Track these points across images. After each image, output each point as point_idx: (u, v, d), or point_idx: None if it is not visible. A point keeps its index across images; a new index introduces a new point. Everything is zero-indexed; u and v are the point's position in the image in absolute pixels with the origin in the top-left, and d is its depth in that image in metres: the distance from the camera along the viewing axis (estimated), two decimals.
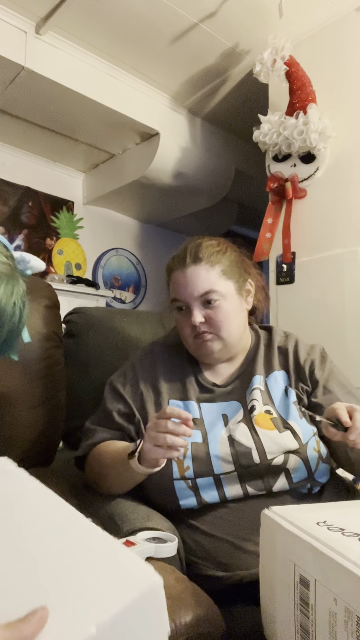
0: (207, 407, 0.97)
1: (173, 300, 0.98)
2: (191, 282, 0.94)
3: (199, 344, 0.97)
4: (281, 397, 0.96)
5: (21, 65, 2.12)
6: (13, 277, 0.69)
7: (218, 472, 0.87)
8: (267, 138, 1.96)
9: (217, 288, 0.94)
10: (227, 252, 0.99)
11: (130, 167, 2.89)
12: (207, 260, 0.95)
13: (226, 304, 0.95)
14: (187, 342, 0.99)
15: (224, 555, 0.84)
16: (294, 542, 0.52)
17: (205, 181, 2.91)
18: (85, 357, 1.29)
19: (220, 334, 0.96)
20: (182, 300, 0.96)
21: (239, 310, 0.98)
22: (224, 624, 0.65)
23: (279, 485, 0.87)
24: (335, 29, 1.94)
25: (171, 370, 1.02)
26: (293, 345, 1.04)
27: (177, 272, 0.97)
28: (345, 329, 1.78)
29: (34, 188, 3.07)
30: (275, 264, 2.02)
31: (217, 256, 0.96)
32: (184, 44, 2.20)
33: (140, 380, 1.01)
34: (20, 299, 0.70)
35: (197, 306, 0.95)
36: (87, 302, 2.94)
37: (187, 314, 0.96)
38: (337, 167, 1.88)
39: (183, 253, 0.98)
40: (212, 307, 0.94)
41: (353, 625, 0.43)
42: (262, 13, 2.01)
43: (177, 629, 0.59)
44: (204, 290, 0.93)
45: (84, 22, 2.09)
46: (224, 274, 0.96)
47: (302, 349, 1.03)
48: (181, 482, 0.88)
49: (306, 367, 0.99)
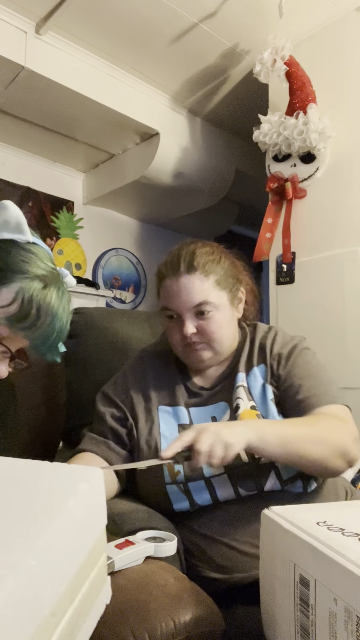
0: (196, 411, 0.96)
1: (164, 308, 0.96)
2: (185, 292, 0.92)
3: (189, 352, 0.96)
4: (259, 394, 0.95)
5: (21, 65, 2.12)
6: (61, 282, 0.76)
7: (208, 475, 0.87)
8: (267, 138, 1.96)
9: (211, 299, 0.92)
10: (221, 261, 0.96)
11: (130, 167, 2.89)
12: (202, 270, 0.92)
13: (219, 315, 0.93)
14: (176, 349, 0.98)
15: (221, 557, 0.84)
16: (294, 542, 0.52)
17: (205, 181, 2.91)
18: (85, 357, 1.29)
19: (211, 344, 0.94)
20: (174, 309, 0.93)
21: (230, 320, 0.97)
22: (223, 622, 0.65)
23: (270, 484, 0.86)
24: (335, 29, 1.94)
25: (160, 376, 1.02)
26: (271, 339, 1.01)
27: (169, 281, 0.94)
28: (345, 329, 1.78)
29: (34, 188, 3.07)
30: (275, 264, 2.02)
31: (212, 265, 0.94)
32: (184, 44, 2.20)
33: (131, 388, 1.01)
34: (68, 304, 0.77)
35: (189, 317, 0.92)
36: (87, 302, 2.94)
37: (178, 323, 0.94)
38: (337, 167, 1.88)
39: (176, 260, 0.95)
40: (204, 317, 0.92)
41: (353, 625, 0.43)
42: (262, 13, 2.02)
43: (177, 627, 0.59)
44: (198, 302, 0.91)
45: (84, 22, 2.09)
46: (218, 285, 0.94)
47: (278, 342, 1.01)
48: (173, 486, 0.89)
49: (274, 362, 0.98)
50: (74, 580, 0.41)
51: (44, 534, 0.37)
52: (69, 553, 0.41)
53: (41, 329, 0.72)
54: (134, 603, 0.60)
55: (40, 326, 0.72)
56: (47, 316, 0.72)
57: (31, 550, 0.35)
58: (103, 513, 0.49)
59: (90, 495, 0.45)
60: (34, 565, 0.34)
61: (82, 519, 0.43)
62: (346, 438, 0.83)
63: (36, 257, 0.73)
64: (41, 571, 0.35)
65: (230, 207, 3.50)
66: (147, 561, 0.70)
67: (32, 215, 3.06)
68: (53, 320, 0.72)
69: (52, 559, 0.37)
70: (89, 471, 0.48)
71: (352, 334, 1.76)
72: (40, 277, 0.72)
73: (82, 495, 0.44)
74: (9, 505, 0.41)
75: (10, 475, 0.48)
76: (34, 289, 0.70)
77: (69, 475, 0.48)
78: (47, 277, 0.73)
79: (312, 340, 1.09)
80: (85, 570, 0.45)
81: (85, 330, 1.31)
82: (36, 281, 0.71)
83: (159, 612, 0.59)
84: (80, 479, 0.46)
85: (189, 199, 3.12)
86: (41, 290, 0.71)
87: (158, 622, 0.58)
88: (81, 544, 0.43)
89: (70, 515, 0.41)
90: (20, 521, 0.39)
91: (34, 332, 0.72)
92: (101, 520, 0.49)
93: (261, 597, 0.61)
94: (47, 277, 0.73)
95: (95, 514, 0.47)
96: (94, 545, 0.46)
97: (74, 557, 0.42)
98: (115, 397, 1.00)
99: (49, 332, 0.73)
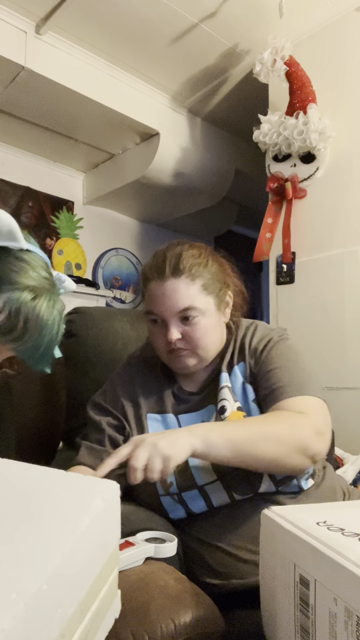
0: (185, 418, 0.95)
1: (148, 312, 0.92)
2: (169, 296, 0.88)
3: (173, 358, 0.93)
4: (241, 395, 0.92)
5: (21, 65, 2.12)
6: (53, 292, 0.74)
7: (201, 483, 0.86)
8: (267, 138, 1.96)
9: (197, 304, 0.88)
10: (208, 264, 0.92)
11: (130, 167, 2.89)
12: (188, 274, 0.88)
13: (205, 321, 0.90)
14: (161, 355, 0.95)
15: (217, 563, 0.83)
16: (294, 542, 0.52)
17: (205, 181, 2.91)
18: (85, 357, 1.29)
19: (196, 351, 0.91)
20: (158, 314, 0.90)
21: (216, 325, 0.94)
22: (224, 623, 0.65)
23: (265, 487, 0.85)
24: (335, 29, 1.94)
25: (147, 383, 1.00)
26: (250, 335, 0.98)
27: (154, 284, 0.90)
28: (345, 329, 1.78)
29: (34, 188, 3.07)
30: (275, 264, 2.02)
31: (199, 269, 0.90)
32: (184, 44, 2.20)
33: (121, 396, 0.99)
34: (59, 314, 0.74)
35: (174, 322, 0.89)
36: (87, 302, 2.95)
37: (163, 327, 0.91)
38: (337, 167, 1.88)
39: (162, 263, 0.91)
40: (189, 323, 0.89)
41: (353, 625, 0.43)
42: (262, 13, 2.02)
43: (177, 628, 0.58)
44: (183, 307, 0.88)
45: (84, 22, 2.09)
46: (205, 289, 0.90)
47: (256, 338, 0.97)
48: (167, 498, 0.88)
49: (252, 359, 0.95)
50: (85, 600, 0.40)
51: (57, 556, 0.36)
52: (81, 574, 0.40)
53: (29, 341, 0.70)
54: (134, 604, 0.59)
55: (28, 339, 0.69)
56: (36, 329, 0.69)
57: (43, 573, 0.34)
58: (117, 528, 0.47)
59: (105, 512, 0.44)
60: (45, 589, 0.33)
61: (96, 537, 0.42)
62: (305, 433, 0.79)
63: (28, 265, 0.70)
64: (52, 595, 0.34)
65: (230, 207, 3.50)
66: (147, 562, 0.70)
67: (32, 215, 3.06)
68: (42, 333, 0.70)
69: (63, 582, 0.36)
70: (104, 485, 0.46)
71: (352, 334, 1.76)
72: (30, 288, 0.69)
73: (97, 513, 0.42)
74: (22, 522, 0.40)
75: (25, 486, 0.46)
76: (23, 300, 0.68)
77: (85, 489, 0.46)
78: (37, 288, 0.70)
79: (312, 340, 1.09)
80: (97, 588, 0.43)
81: (85, 330, 1.31)
82: (25, 292, 0.68)
83: (159, 613, 0.59)
84: (95, 494, 0.44)
85: (189, 199, 3.12)
86: (30, 302, 0.69)
87: (158, 623, 0.58)
88: (94, 563, 0.42)
89: (84, 535, 0.40)
90: (33, 541, 0.37)
91: (22, 345, 0.70)
92: (115, 536, 0.47)
93: (261, 597, 0.61)
94: (37, 287, 0.70)
95: (110, 531, 0.46)
96: (107, 562, 0.45)
97: (86, 577, 0.41)
98: (108, 405, 0.99)
99: (37, 345, 0.71)
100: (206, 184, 2.93)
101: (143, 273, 0.95)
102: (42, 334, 0.70)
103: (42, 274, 0.72)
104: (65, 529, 0.39)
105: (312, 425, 0.81)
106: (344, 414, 1.66)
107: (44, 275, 0.72)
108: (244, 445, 0.76)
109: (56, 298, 0.74)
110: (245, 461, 0.78)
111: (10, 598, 0.31)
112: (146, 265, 0.95)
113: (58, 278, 0.77)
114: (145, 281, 0.94)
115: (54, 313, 0.72)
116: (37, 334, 0.70)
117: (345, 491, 0.97)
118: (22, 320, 0.68)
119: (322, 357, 1.81)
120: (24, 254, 0.71)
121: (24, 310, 0.68)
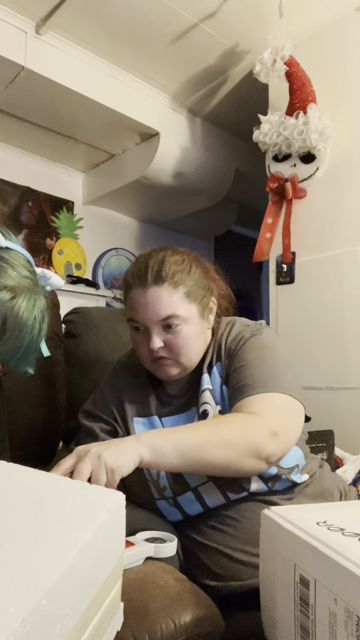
0: (168, 420, 0.95)
1: (130, 319, 0.91)
2: (151, 304, 0.87)
3: (156, 367, 0.92)
4: (219, 397, 0.91)
5: (21, 65, 2.12)
6: (35, 291, 0.71)
7: (194, 485, 0.86)
8: (267, 138, 1.96)
9: (179, 312, 0.87)
10: (191, 271, 0.91)
11: (130, 167, 2.89)
12: (170, 281, 0.87)
13: (187, 329, 0.89)
14: (144, 362, 0.95)
15: (215, 564, 0.83)
16: (294, 542, 0.52)
17: (205, 181, 2.91)
18: (85, 357, 1.29)
19: (179, 360, 0.91)
20: (140, 322, 0.89)
21: (199, 332, 0.92)
22: (223, 623, 0.65)
23: (255, 486, 0.85)
24: (335, 29, 1.94)
25: (134, 388, 1.00)
26: (227, 334, 0.97)
27: (136, 291, 0.89)
28: (345, 329, 1.78)
29: (34, 188, 3.06)
30: (275, 264, 2.02)
31: (181, 276, 0.89)
32: (184, 44, 2.20)
33: (110, 402, 0.99)
34: (40, 313, 0.71)
35: (156, 330, 0.88)
36: (87, 302, 2.95)
37: (145, 335, 0.90)
38: (337, 167, 1.88)
39: (144, 269, 0.89)
40: (172, 331, 0.88)
41: (353, 625, 0.43)
42: (262, 13, 2.01)
43: (177, 628, 0.59)
44: (165, 315, 0.87)
45: (84, 22, 2.09)
46: (187, 297, 0.89)
47: (231, 336, 0.96)
48: (163, 502, 0.88)
49: (226, 359, 0.94)
50: (86, 614, 0.39)
51: (58, 569, 0.35)
52: (82, 587, 0.38)
53: (8, 342, 0.68)
54: (133, 604, 0.59)
55: (7, 340, 0.67)
56: (14, 330, 0.67)
57: (43, 588, 0.33)
58: (122, 540, 0.46)
59: (109, 523, 0.43)
60: (45, 604, 0.33)
61: (100, 550, 0.41)
62: (257, 434, 0.76)
63: (7, 264, 0.68)
64: (52, 609, 0.34)
65: (230, 207, 3.50)
66: (147, 562, 0.70)
67: (32, 215, 3.06)
68: (21, 334, 0.68)
69: (64, 596, 0.35)
70: (110, 496, 0.45)
71: (352, 334, 1.76)
72: (8, 288, 0.67)
73: (101, 524, 0.41)
74: (24, 532, 0.39)
75: (29, 494, 0.45)
76: (1, 300, 0.65)
77: (90, 500, 0.45)
78: (16, 287, 0.68)
79: (312, 340, 1.08)
80: (99, 602, 0.42)
81: (85, 330, 1.31)
82: (3, 292, 0.66)
83: (159, 613, 0.59)
84: (101, 505, 0.43)
85: (189, 199, 3.12)
86: (9, 302, 0.66)
87: (158, 623, 0.58)
88: (96, 576, 0.41)
89: (87, 548, 0.39)
90: (35, 553, 0.37)
91: (1, 346, 0.67)
92: (119, 548, 0.46)
93: (261, 598, 0.61)
94: (16, 287, 0.67)
95: (113, 543, 0.45)
96: (110, 575, 0.44)
97: (88, 590, 0.40)
98: (99, 412, 0.99)
99: (16, 346, 0.69)
100: (206, 184, 2.93)
101: (125, 279, 0.93)
102: (22, 334, 0.68)
103: (22, 272, 0.70)
104: (68, 540, 0.38)
105: (265, 426, 0.78)
106: (344, 414, 1.66)
107: (24, 274, 0.70)
108: (193, 452, 0.73)
109: (37, 297, 0.71)
110: (195, 467, 0.76)
111: (8, 613, 0.30)
112: (128, 272, 0.93)
113: (43, 275, 0.74)
114: (127, 288, 0.92)
115: (35, 312, 0.70)
116: (16, 334, 0.67)
117: (341, 491, 0.97)
118: (0, 321, 0.66)
119: (322, 357, 1.80)
120: (4, 253, 0.69)
121: (2, 310, 0.66)
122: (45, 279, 0.75)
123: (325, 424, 1.44)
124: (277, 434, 0.78)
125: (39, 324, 0.71)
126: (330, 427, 1.39)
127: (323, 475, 0.95)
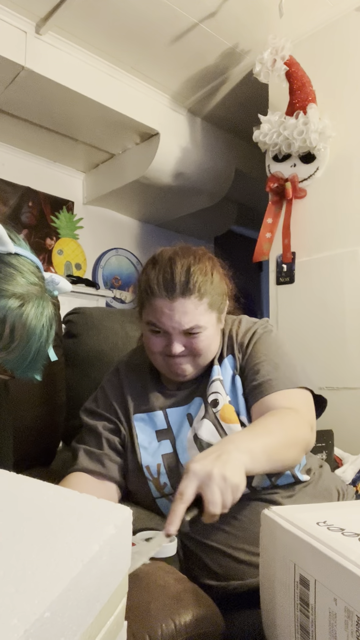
0: (172, 412, 0.95)
1: (150, 323, 0.91)
2: (177, 315, 0.87)
3: (171, 364, 0.92)
4: (230, 387, 0.93)
5: (21, 65, 2.12)
6: (43, 298, 0.71)
7: None
8: (267, 138, 1.96)
9: (202, 323, 0.89)
10: (214, 280, 0.92)
11: (130, 167, 2.89)
12: (197, 294, 0.88)
13: (206, 334, 0.91)
14: (156, 361, 0.95)
15: (215, 564, 0.83)
16: (294, 542, 0.52)
17: (205, 181, 2.91)
18: (85, 357, 1.29)
19: (195, 359, 0.92)
20: (163, 329, 0.89)
21: (216, 334, 0.94)
22: (224, 623, 0.65)
23: (258, 481, 0.86)
24: (335, 29, 1.94)
25: (136, 385, 1.01)
26: (236, 328, 0.99)
27: (162, 300, 0.88)
28: (345, 329, 1.78)
29: (34, 188, 3.07)
30: (275, 264, 2.02)
31: (206, 287, 0.89)
32: (184, 44, 2.20)
33: (111, 399, 1.00)
34: (48, 321, 0.71)
35: (178, 337, 0.89)
36: (87, 302, 2.95)
37: (164, 338, 0.90)
38: (337, 167, 1.88)
39: (170, 278, 0.88)
40: (192, 337, 0.90)
41: (353, 625, 0.43)
42: (262, 13, 2.02)
43: (177, 628, 0.59)
44: (190, 326, 0.88)
45: (84, 22, 2.09)
46: (210, 307, 0.90)
47: (241, 330, 0.98)
48: (163, 500, 0.88)
49: (239, 353, 0.96)
50: (89, 630, 0.39)
51: (63, 582, 0.35)
52: (86, 602, 0.38)
53: (16, 351, 0.67)
54: (134, 604, 0.59)
55: (14, 349, 0.66)
56: (23, 338, 0.67)
57: (47, 600, 0.33)
58: (128, 556, 0.46)
59: (116, 539, 0.42)
60: (48, 617, 0.32)
61: (105, 565, 0.41)
62: (305, 430, 0.82)
63: (16, 271, 0.68)
64: (55, 623, 0.33)
65: (230, 207, 3.50)
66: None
67: (32, 215, 3.06)
68: (29, 342, 0.67)
69: (68, 610, 0.35)
70: (118, 511, 0.45)
71: (352, 334, 1.76)
72: (17, 295, 0.66)
73: (107, 539, 0.41)
74: (30, 544, 0.39)
75: (36, 507, 0.45)
76: (9, 308, 0.65)
77: (96, 515, 0.44)
78: (25, 295, 0.67)
79: (312, 340, 1.09)
80: (103, 619, 0.42)
81: (85, 330, 1.31)
82: (12, 299, 0.65)
83: (159, 613, 0.59)
84: (107, 520, 0.43)
85: (189, 199, 3.12)
86: (17, 309, 0.66)
87: (158, 622, 0.58)
88: (101, 592, 0.41)
89: (92, 563, 0.38)
90: (40, 565, 0.36)
91: (8, 355, 0.67)
92: (125, 564, 0.46)
93: (261, 597, 0.61)
94: (24, 294, 0.67)
95: (119, 558, 0.44)
96: (115, 591, 0.43)
97: (92, 606, 0.39)
98: (101, 410, 0.99)
99: (24, 354, 0.68)
100: (206, 184, 2.93)
101: (148, 285, 0.90)
102: (30, 342, 0.68)
103: (30, 279, 0.69)
104: (73, 554, 0.38)
105: (307, 421, 0.84)
106: (344, 414, 1.66)
107: (32, 280, 0.69)
108: (277, 454, 0.76)
109: (46, 304, 0.71)
110: (274, 468, 0.77)
111: (11, 624, 0.30)
112: (151, 278, 0.90)
113: (51, 280, 0.74)
114: (150, 294, 0.90)
115: (43, 320, 0.69)
116: (24, 342, 0.67)
117: (340, 490, 0.97)
118: (9, 328, 0.65)
119: (322, 357, 1.81)
120: (12, 259, 0.69)
121: (10, 318, 0.65)
122: (54, 284, 0.74)
123: (325, 424, 1.43)
124: (313, 427, 0.85)
125: (47, 331, 0.71)
126: (330, 427, 1.39)
127: (322, 475, 0.96)
